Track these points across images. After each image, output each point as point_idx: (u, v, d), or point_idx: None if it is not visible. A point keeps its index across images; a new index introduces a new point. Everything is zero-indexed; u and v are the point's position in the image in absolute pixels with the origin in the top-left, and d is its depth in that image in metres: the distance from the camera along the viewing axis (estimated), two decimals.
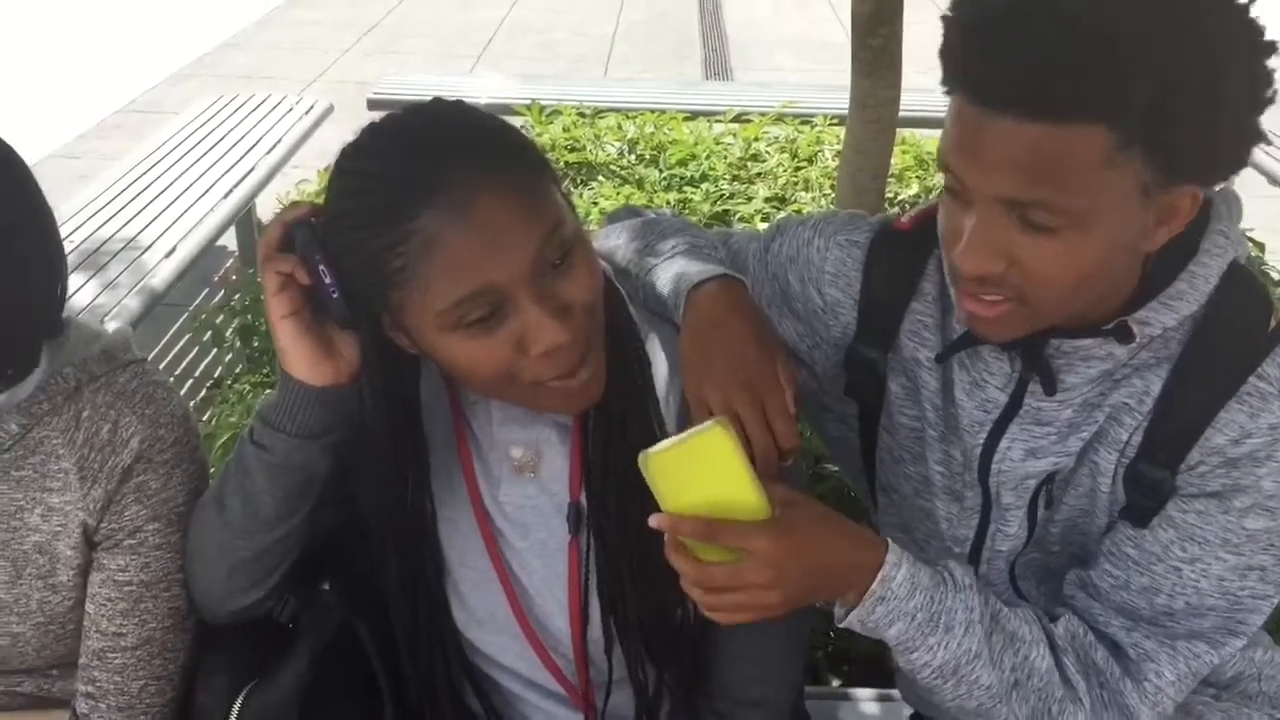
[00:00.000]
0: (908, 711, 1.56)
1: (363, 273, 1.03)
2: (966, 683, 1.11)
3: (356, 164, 1.04)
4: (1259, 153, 3.85)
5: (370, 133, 1.05)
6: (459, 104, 1.08)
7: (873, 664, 2.23)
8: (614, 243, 1.33)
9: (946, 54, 0.99)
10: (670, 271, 1.21)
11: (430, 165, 0.99)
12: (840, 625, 1.10)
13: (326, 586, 1.27)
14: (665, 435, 1.15)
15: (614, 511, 1.15)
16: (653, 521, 1.00)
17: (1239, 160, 0.99)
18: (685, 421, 1.16)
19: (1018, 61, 0.91)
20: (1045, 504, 1.20)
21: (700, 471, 0.99)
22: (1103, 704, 1.14)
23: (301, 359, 1.09)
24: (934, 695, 1.15)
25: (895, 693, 1.81)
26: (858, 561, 1.07)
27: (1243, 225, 1.14)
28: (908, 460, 1.28)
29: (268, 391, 1.14)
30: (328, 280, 1.05)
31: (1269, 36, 0.95)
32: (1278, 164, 4.14)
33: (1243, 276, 1.11)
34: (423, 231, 0.98)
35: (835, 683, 2.24)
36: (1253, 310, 1.11)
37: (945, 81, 1.00)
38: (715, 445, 0.98)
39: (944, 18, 0.99)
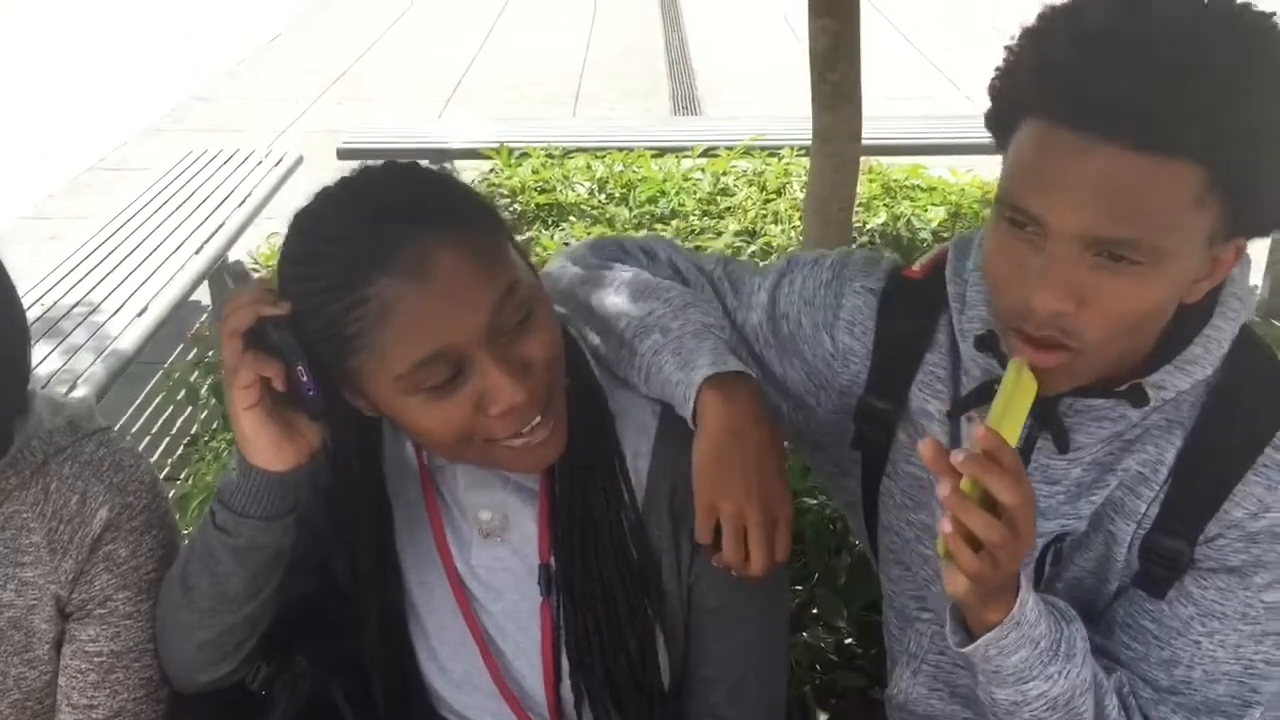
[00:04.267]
0: None
1: (319, 340, 1.02)
2: (1072, 714, 1.10)
3: (310, 230, 1.04)
4: None
5: (323, 197, 1.05)
6: (413, 165, 1.09)
7: (858, 699, 2.23)
8: (611, 300, 1.26)
9: (1035, 78, 0.94)
10: (678, 359, 1.16)
11: (384, 230, 0.99)
12: (964, 651, 1.07)
13: (300, 652, 1.26)
14: (632, 494, 1.16)
15: (581, 570, 1.15)
16: (979, 431, 0.97)
17: None
18: (659, 487, 1.16)
19: (1136, 84, 0.88)
20: (1053, 562, 1.19)
21: (1018, 399, 1.02)
22: None
23: (265, 448, 1.07)
24: None
25: None
26: (1015, 572, 1.04)
27: None
28: (910, 507, 1.27)
29: (231, 467, 1.12)
30: (305, 379, 1.04)
31: None
32: None
33: (1251, 340, 1.11)
34: (378, 297, 0.98)
35: (822, 718, 2.23)
36: (1264, 377, 1.10)
37: (1021, 110, 0.96)
38: (1030, 387, 1.03)
39: (1033, 32, 0.96)
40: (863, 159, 3.19)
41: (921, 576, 1.30)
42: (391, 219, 1.00)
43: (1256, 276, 4.46)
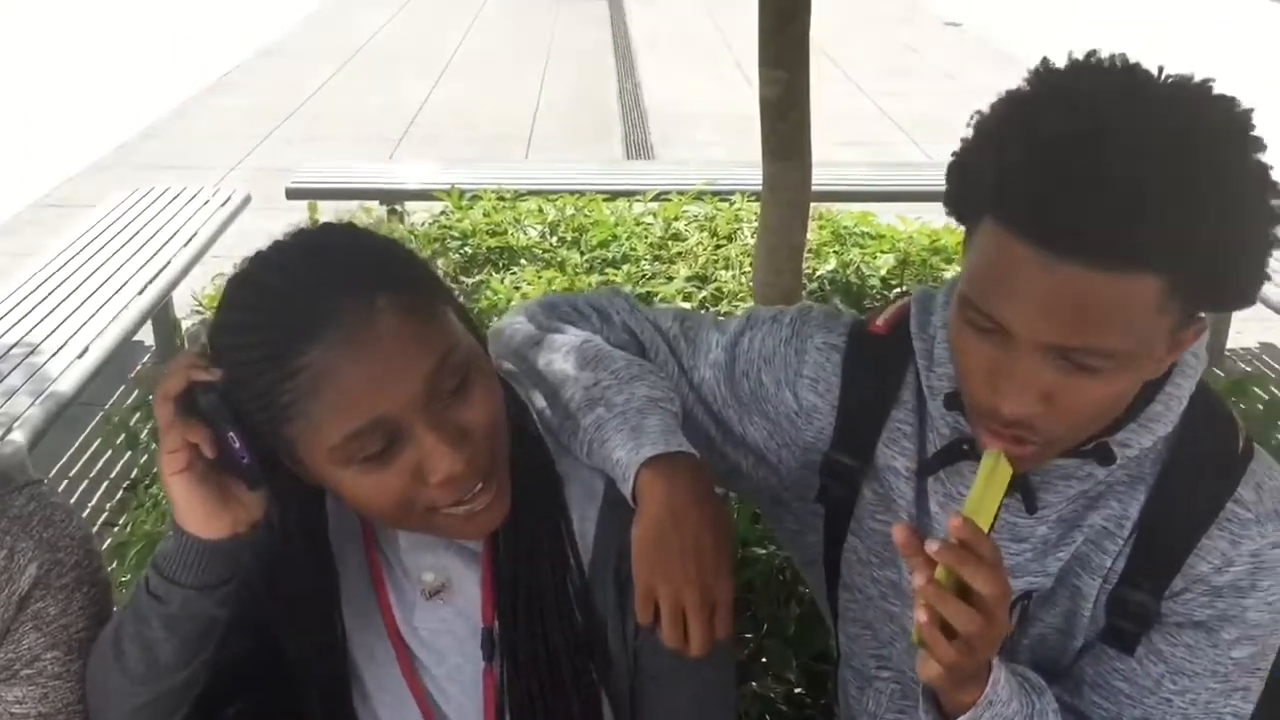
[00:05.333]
0: None
1: (254, 408, 1.00)
2: None
3: (241, 297, 1.02)
4: None
5: (256, 262, 1.03)
6: (348, 228, 1.07)
7: None
8: (559, 366, 1.24)
9: (995, 182, 0.94)
10: (622, 434, 1.14)
11: (315, 297, 0.97)
12: None
13: (236, 715, 1.23)
14: (578, 558, 1.15)
15: (526, 634, 1.13)
16: (955, 523, 0.97)
17: (1254, 298, 0.99)
18: (606, 552, 1.15)
19: (1096, 208, 0.88)
20: (1019, 619, 1.19)
21: (994, 487, 1.03)
22: None
23: (195, 515, 1.04)
24: None
25: None
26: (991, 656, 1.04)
27: None
28: (876, 564, 1.26)
29: (169, 532, 1.09)
30: (237, 445, 1.01)
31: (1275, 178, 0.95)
32: None
33: (1207, 395, 1.12)
34: (310, 368, 0.96)
35: None
36: (1222, 430, 1.12)
37: (980, 207, 0.96)
38: (1005, 473, 1.04)
39: (990, 135, 0.96)
40: (813, 205, 3.21)
41: (884, 635, 1.30)
42: (323, 286, 0.98)
43: None
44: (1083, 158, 0.88)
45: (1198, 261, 0.90)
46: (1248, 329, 4.74)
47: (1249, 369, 4.51)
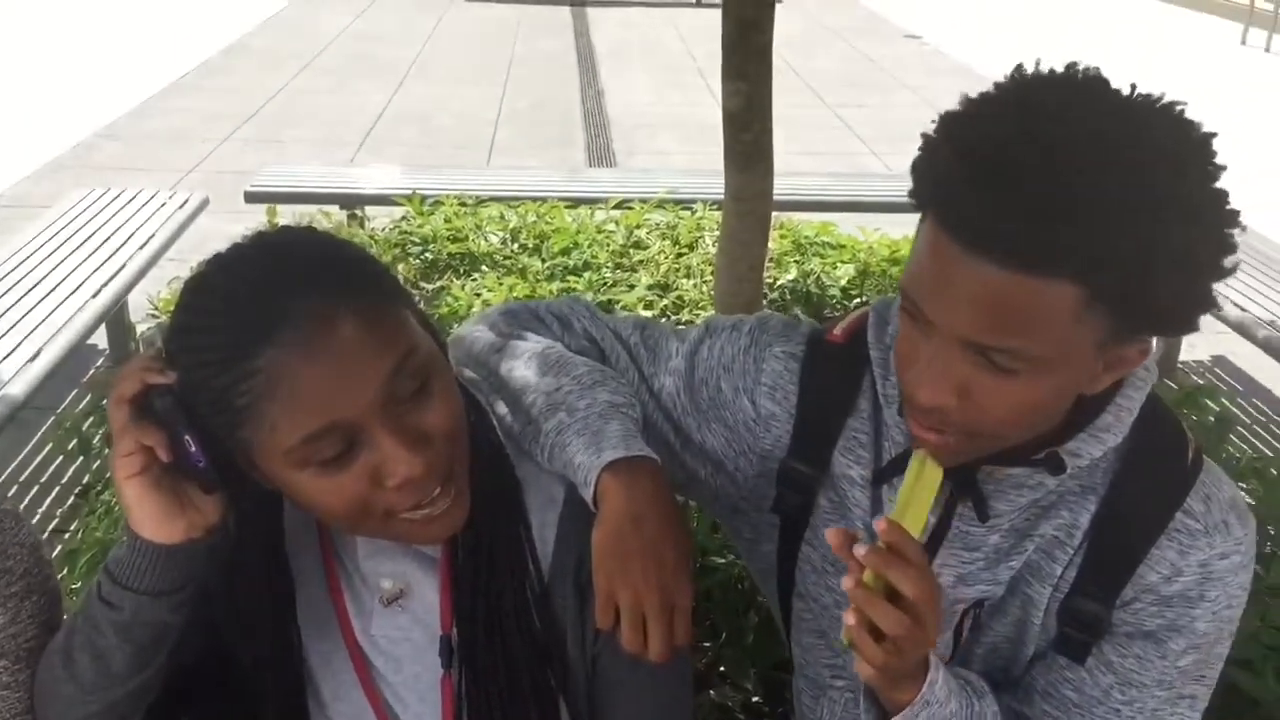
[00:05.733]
0: None
1: (209, 411, 0.99)
2: None
3: (198, 299, 1.01)
4: None
5: (213, 265, 1.02)
6: (307, 231, 1.06)
7: None
8: (520, 372, 1.24)
9: (932, 178, 0.97)
10: (584, 439, 1.14)
11: (272, 300, 0.96)
12: None
13: None
14: (538, 565, 1.14)
15: (484, 641, 1.12)
16: (879, 525, 1.03)
17: (1195, 323, 0.99)
18: (566, 558, 1.15)
19: (1011, 208, 0.89)
20: (971, 628, 1.21)
21: (921, 490, 1.06)
22: None
23: (149, 519, 1.03)
24: None
25: None
26: (925, 654, 1.06)
27: None
28: (831, 573, 1.27)
29: (122, 538, 1.08)
30: (193, 449, 1.00)
31: (1231, 206, 0.95)
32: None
33: (1158, 407, 1.14)
34: (266, 370, 0.95)
35: None
36: (1172, 441, 1.13)
37: (924, 203, 0.98)
38: (934, 476, 1.07)
39: (933, 137, 0.98)
40: (774, 215, 3.23)
41: (839, 644, 1.30)
42: (280, 289, 0.97)
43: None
44: (1007, 159, 0.90)
45: (1118, 275, 0.91)
46: (1200, 342, 4.82)
47: (1201, 382, 4.57)
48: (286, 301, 0.96)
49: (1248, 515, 1.14)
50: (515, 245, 4.25)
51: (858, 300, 3.87)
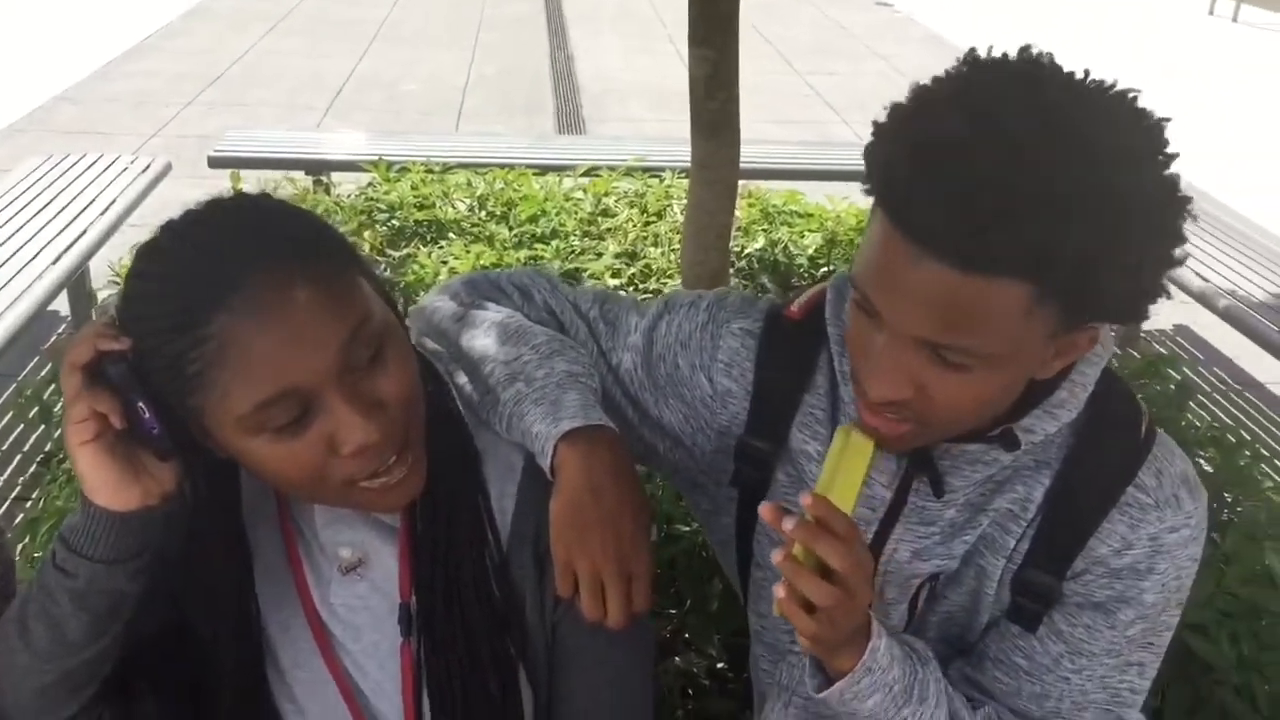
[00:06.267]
0: None
1: (162, 378, 0.98)
2: None
3: (150, 266, 1.00)
4: None
5: (165, 231, 1.01)
6: (261, 197, 1.05)
7: None
8: (480, 342, 1.24)
9: (882, 173, 0.96)
10: (542, 408, 1.14)
11: (224, 265, 0.96)
12: (816, 696, 1.11)
13: (145, 693, 1.21)
14: (496, 534, 1.15)
15: (443, 609, 1.12)
16: (805, 499, 1.04)
17: (1145, 312, 0.99)
18: (525, 527, 1.15)
19: (959, 209, 0.89)
20: (926, 599, 1.22)
21: (849, 463, 1.07)
22: None
23: (103, 485, 1.02)
24: None
25: None
26: (864, 622, 1.08)
27: None
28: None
29: (76, 508, 1.07)
30: (146, 416, 0.99)
31: (1181, 193, 0.94)
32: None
33: (1113, 382, 1.15)
34: (217, 336, 0.94)
35: None
36: (1125, 415, 1.14)
37: (877, 198, 0.97)
38: (863, 449, 1.08)
39: (884, 128, 0.97)
40: (741, 183, 3.22)
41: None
42: (233, 255, 0.96)
43: None
44: (956, 160, 0.89)
45: (1067, 273, 0.90)
46: (1162, 311, 4.85)
47: (1163, 351, 4.63)
48: (239, 268, 0.95)
49: (1199, 489, 1.15)
50: (483, 213, 4.23)
51: (825, 270, 3.88)
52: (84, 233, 3.88)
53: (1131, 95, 0.95)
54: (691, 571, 2.39)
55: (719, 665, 2.34)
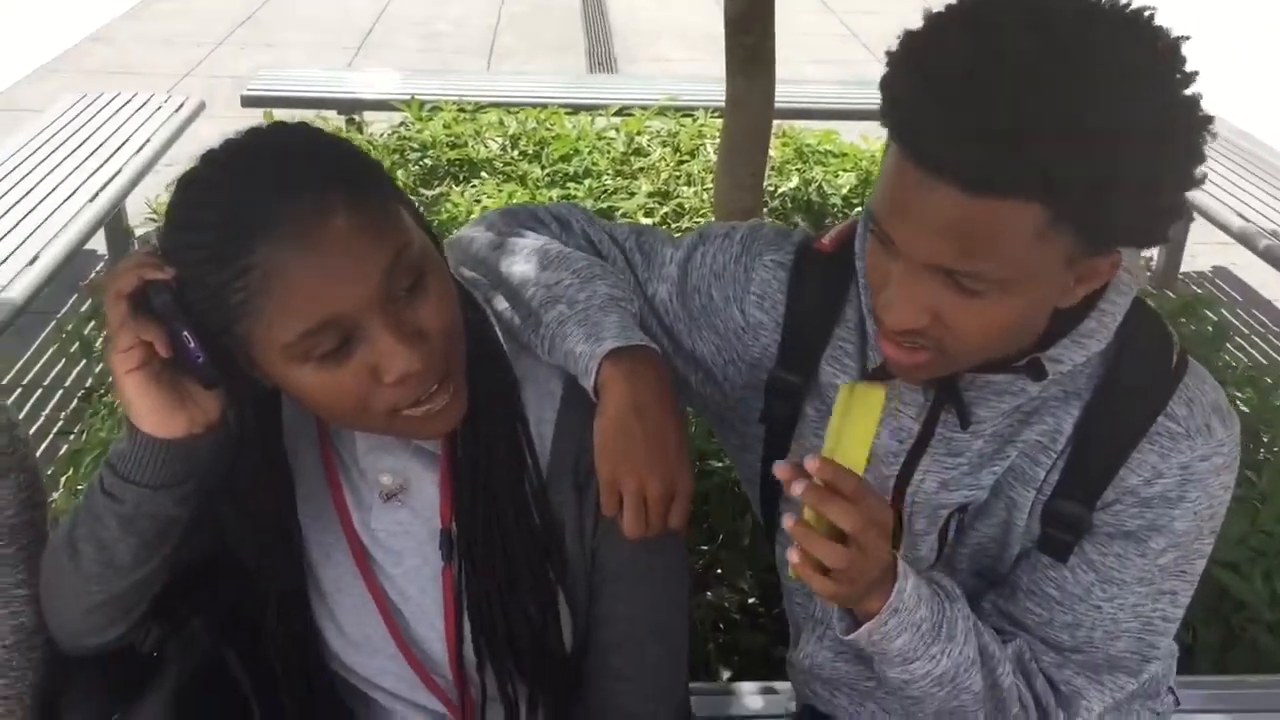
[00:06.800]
0: (793, 704, 1.59)
1: (206, 307, 0.99)
2: (960, 688, 1.15)
3: (192, 194, 1.00)
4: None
5: (207, 161, 1.01)
6: (301, 126, 1.05)
7: (759, 656, 2.27)
8: (520, 267, 1.25)
9: (892, 98, 0.95)
10: (584, 329, 1.15)
11: (267, 195, 0.96)
12: (848, 638, 1.13)
13: (193, 614, 1.24)
14: (536, 460, 1.16)
15: (483, 535, 1.14)
16: (812, 465, 1.03)
17: (1162, 236, 0.98)
18: (564, 453, 1.16)
19: (968, 130, 0.88)
20: (956, 531, 1.23)
21: (856, 417, 1.06)
22: None
23: (149, 413, 1.03)
24: (919, 705, 1.17)
25: (779, 685, 1.84)
26: (889, 565, 1.09)
27: None
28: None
29: (123, 435, 1.09)
30: (191, 344, 1.00)
31: (1203, 112, 0.92)
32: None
33: (1143, 311, 1.13)
34: (261, 265, 0.95)
35: (725, 674, 2.27)
36: (1156, 346, 1.13)
37: (889, 127, 0.96)
38: (879, 399, 1.07)
39: (896, 56, 0.96)
40: (776, 122, 3.20)
41: (790, 580, 1.32)
42: (275, 184, 0.97)
43: (1151, 249, 4.60)
44: (963, 82, 0.88)
45: (1079, 195, 0.90)
46: (1202, 253, 4.80)
47: (1200, 292, 4.57)
48: (281, 196, 0.96)
49: (1231, 417, 1.14)
50: (515, 152, 4.22)
51: (859, 209, 3.86)
52: (119, 171, 3.89)
53: (1148, 14, 0.93)
54: (724, 507, 2.41)
55: (750, 600, 2.37)
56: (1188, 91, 0.92)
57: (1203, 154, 0.94)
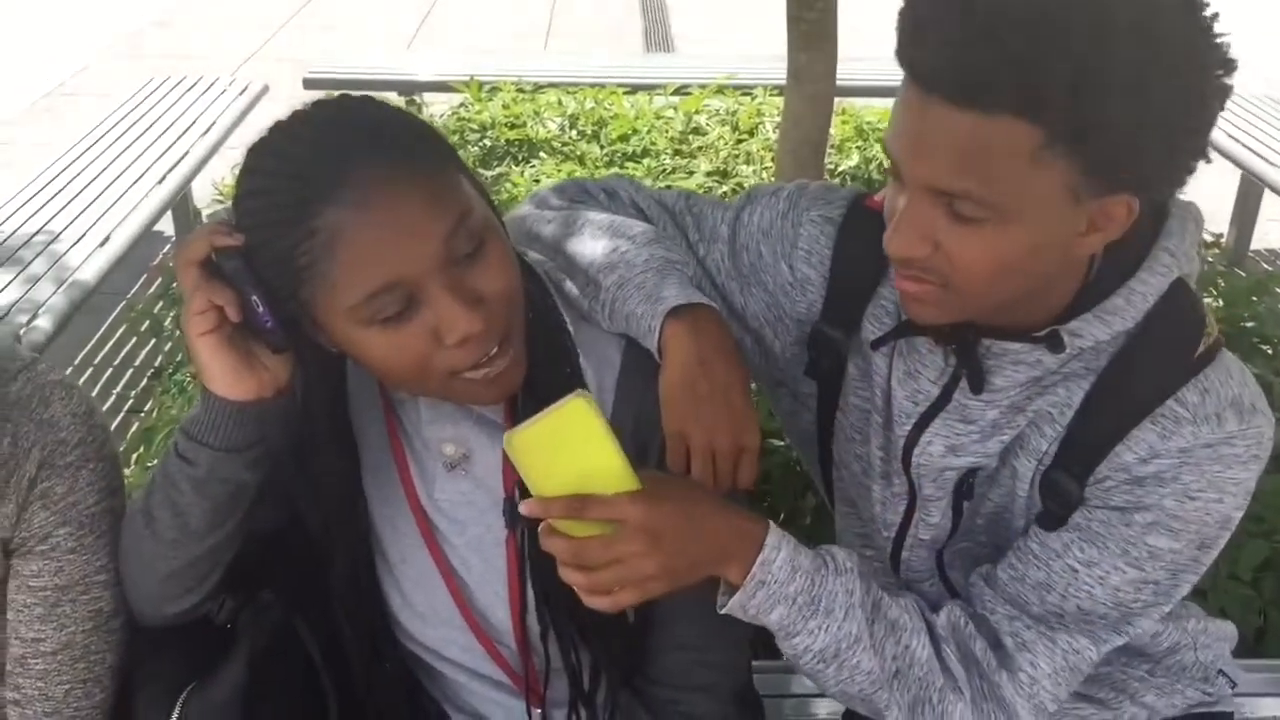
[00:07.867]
0: None
1: (273, 272, 1.02)
2: (848, 668, 1.12)
3: (260, 162, 1.03)
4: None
5: (274, 129, 1.04)
6: (365, 98, 1.08)
7: None
8: (576, 238, 1.26)
9: (900, 26, 0.97)
10: (644, 291, 1.17)
11: (332, 160, 0.98)
12: (722, 611, 1.10)
13: (265, 586, 1.26)
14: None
15: None
16: (523, 509, 1.00)
17: (1174, 177, 0.97)
18: (623, 419, 1.16)
19: (950, 41, 0.90)
20: (966, 495, 1.21)
21: (566, 447, 0.98)
22: (983, 695, 1.15)
23: (222, 375, 1.07)
24: (818, 680, 1.15)
25: None
26: (737, 532, 1.06)
27: None
28: (858, 440, 1.29)
29: (196, 401, 1.12)
30: (261, 309, 1.03)
31: (1231, 54, 0.91)
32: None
33: (1183, 297, 1.10)
34: (326, 229, 0.97)
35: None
36: (1184, 333, 1.10)
37: (896, 55, 0.98)
38: (578, 418, 0.96)
39: None
40: (836, 100, 3.17)
41: (865, 514, 1.33)
42: (340, 150, 0.99)
43: (1221, 225, 4.49)
44: None
45: (1063, 108, 0.89)
46: (1274, 229, 4.68)
47: (1271, 269, 4.46)
48: (345, 162, 0.98)
49: (1253, 414, 1.09)
50: (573, 132, 4.23)
51: None
52: (186, 154, 3.95)
53: None
54: (786, 486, 2.41)
55: None
56: (1200, 15, 0.91)
57: (1220, 95, 0.93)
